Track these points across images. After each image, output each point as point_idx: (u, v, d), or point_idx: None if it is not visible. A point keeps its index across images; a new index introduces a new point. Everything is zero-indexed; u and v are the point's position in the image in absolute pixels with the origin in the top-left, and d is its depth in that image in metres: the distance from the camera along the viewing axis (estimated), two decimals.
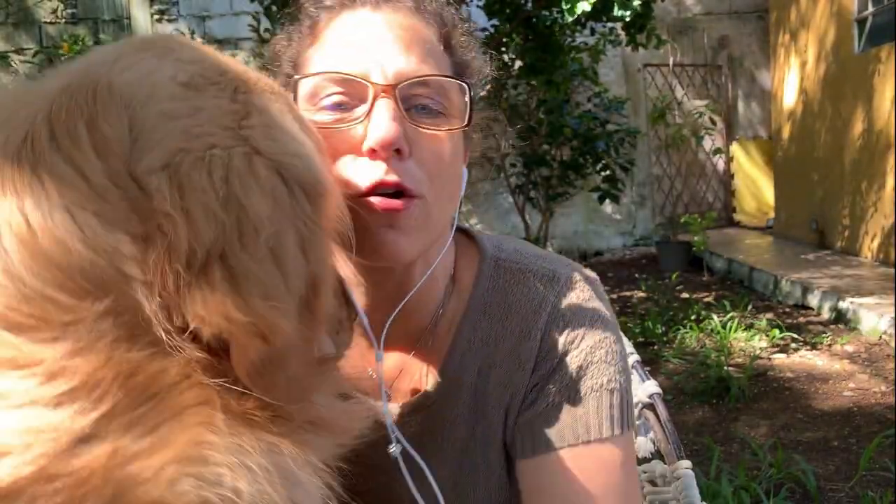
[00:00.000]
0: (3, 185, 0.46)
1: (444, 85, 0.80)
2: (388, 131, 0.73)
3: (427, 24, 0.83)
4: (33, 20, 8.37)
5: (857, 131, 6.90)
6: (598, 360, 0.87)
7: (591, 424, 0.85)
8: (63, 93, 0.50)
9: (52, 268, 0.44)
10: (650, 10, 4.92)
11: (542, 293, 0.89)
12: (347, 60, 0.78)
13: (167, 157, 0.48)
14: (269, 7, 4.59)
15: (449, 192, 0.82)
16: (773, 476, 2.93)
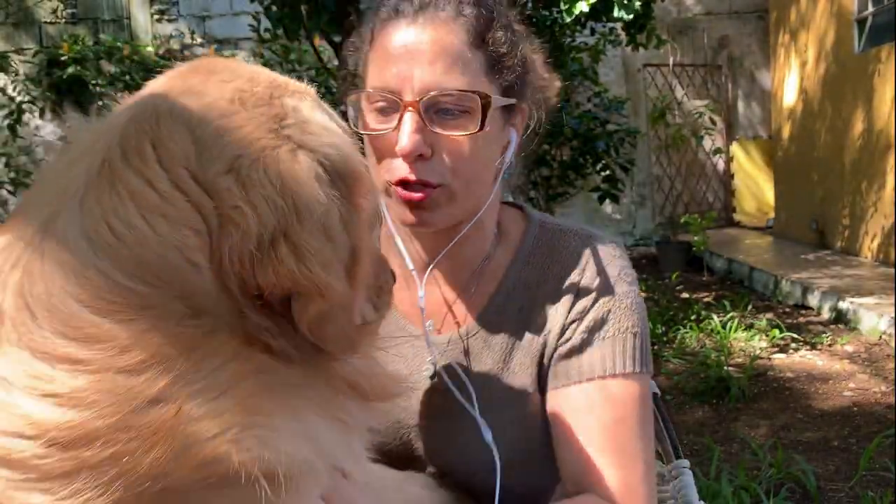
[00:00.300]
0: (91, 200, 0.57)
1: (462, 93, 0.94)
2: (409, 144, 0.92)
3: (459, 29, 0.96)
4: (33, 20, 8.37)
5: (857, 131, 6.90)
6: (625, 307, 1.03)
7: (616, 360, 1.00)
8: (131, 122, 0.61)
9: (131, 263, 0.55)
10: (650, 10, 4.92)
11: (580, 247, 1.06)
12: (386, 76, 0.95)
13: (230, 163, 0.59)
14: (269, 7, 4.58)
15: (473, 175, 0.98)
16: (773, 476, 2.92)
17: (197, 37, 8.65)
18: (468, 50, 0.96)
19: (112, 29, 8.41)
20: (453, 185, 0.95)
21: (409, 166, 0.93)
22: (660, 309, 5.74)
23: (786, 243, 8.19)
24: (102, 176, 0.58)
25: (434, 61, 0.94)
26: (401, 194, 0.94)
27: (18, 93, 7.26)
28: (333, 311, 0.62)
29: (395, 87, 0.94)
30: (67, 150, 0.64)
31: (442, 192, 0.95)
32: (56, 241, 0.56)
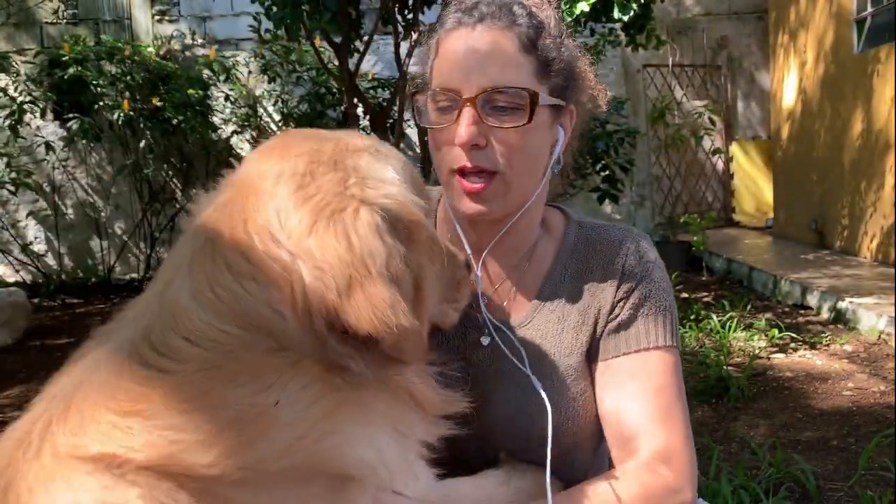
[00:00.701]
0: (196, 269, 0.74)
1: (513, 90, 1.07)
2: (466, 134, 1.06)
3: (512, 37, 1.09)
4: (34, 21, 8.38)
5: (856, 131, 6.91)
6: (662, 289, 1.18)
7: (659, 334, 1.14)
8: (227, 204, 0.79)
9: (229, 315, 0.72)
10: (650, 10, 4.93)
11: (619, 237, 1.21)
12: (448, 76, 1.10)
13: (308, 229, 0.74)
14: (270, 7, 4.59)
15: (526, 167, 1.11)
16: (772, 475, 2.93)
17: (198, 37, 8.65)
18: (520, 54, 1.09)
19: (113, 29, 8.42)
20: (507, 174, 1.08)
21: (466, 154, 1.06)
22: None
23: (785, 243, 8.20)
24: (206, 250, 0.75)
25: (490, 63, 1.08)
26: (462, 185, 1.08)
27: (19, 93, 7.26)
28: (403, 337, 0.76)
29: (455, 86, 1.08)
30: (184, 234, 0.82)
31: (498, 183, 1.08)
32: (172, 299, 0.73)
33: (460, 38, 1.10)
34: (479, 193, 1.07)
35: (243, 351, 0.71)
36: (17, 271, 8.24)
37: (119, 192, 8.50)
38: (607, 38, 6.54)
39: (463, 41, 1.10)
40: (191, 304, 0.72)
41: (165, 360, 0.70)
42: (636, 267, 1.18)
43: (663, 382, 1.11)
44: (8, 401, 4.51)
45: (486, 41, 1.09)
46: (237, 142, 8.26)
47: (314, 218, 0.75)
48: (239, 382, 0.70)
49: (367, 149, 0.84)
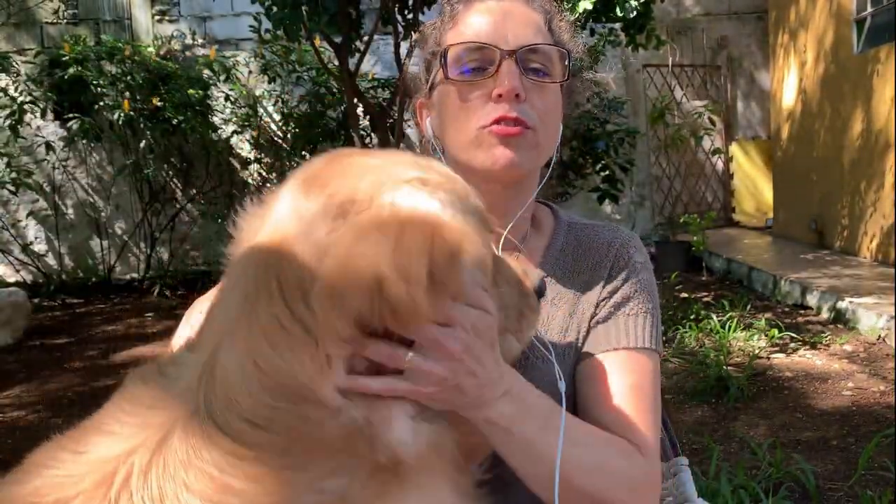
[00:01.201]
0: (239, 340, 0.72)
1: (550, 52, 1.11)
2: (513, 82, 1.05)
3: (535, 11, 1.14)
4: (34, 21, 8.38)
5: (856, 131, 6.91)
6: (647, 290, 1.17)
7: (637, 335, 1.13)
8: (263, 252, 0.77)
9: (270, 386, 0.71)
10: (650, 10, 4.93)
11: (609, 240, 1.19)
12: (482, 34, 1.09)
13: (331, 284, 0.71)
14: (270, 8, 4.59)
15: (552, 131, 1.13)
16: (772, 475, 2.94)
17: (198, 37, 8.65)
18: (545, 27, 1.13)
19: (113, 29, 8.42)
20: (540, 131, 1.08)
21: (508, 105, 1.05)
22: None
23: (785, 243, 8.20)
24: (245, 309, 0.73)
25: (523, 24, 1.10)
26: (498, 131, 1.06)
27: (20, 93, 7.27)
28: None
29: (492, 39, 1.08)
30: (227, 277, 0.81)
31: (532, 135, 1.08)
32: (223, 371, 0.73)
33: (489, 5, 1.12)
34: (514, 139, 1.06)
35: (304, 427, 0.71)
36: (17, 271, 8.24)
37: (119, 192, 8.51)
38: (607, 38, 6.55)
39: (493, 5, 1.12)
40: (240, 380, 0.71)
41: (235, 445, 0.69)
42: (623, 268, 1.17)
43: (639, 383, 1.09)
44: (8, 401, 4.52)
45: (516, 7, 1.12)
46: (237, 142, 8.26)
47: (336, 281, 0.72)
48: (308, 469, 0.70)
49: (409, 181, 0.78)
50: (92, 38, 8.02)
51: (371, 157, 0.83)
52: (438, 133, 1.16)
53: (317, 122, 7.54)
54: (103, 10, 8.48)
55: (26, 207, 8.42)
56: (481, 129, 1.07)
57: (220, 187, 8.34)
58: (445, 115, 1.12)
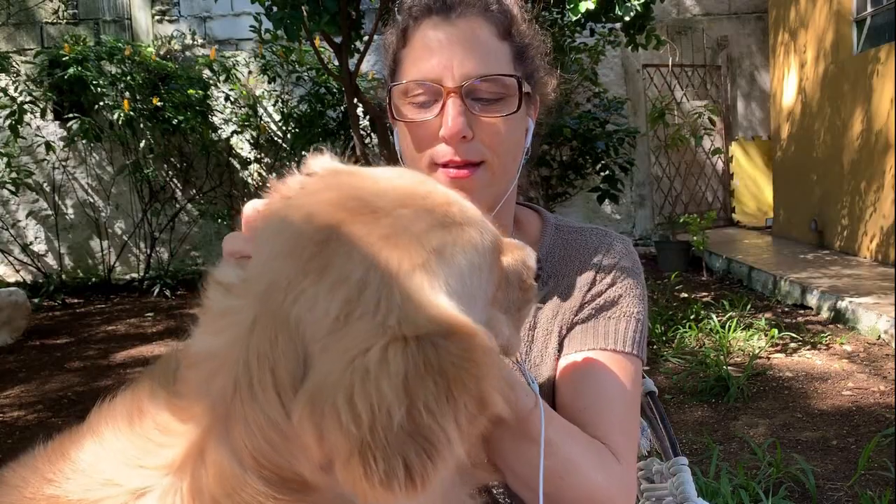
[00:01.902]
0: (234, 433, 0.66)
1: (499, 78, 1.04)
2: (455, 126, 1.01)
3: (489, 23, 1.06)
4: (34, 21, 8.38)
5: (856, 131, 6.91)
6: (633, 295, 1.13)
7: (619, 338, 1.09)
8: (253, 331, 0.66)
9: (269, 474, 0.65)
10: (650, 10, 4.93)
11: (596, 242, 1.17)
12: (426, 67, 1.04)
13: (327, 393, 0.62)
14: (270, 8, 4.59)
15: (510, 154, 1.08)
16: (772, 475, 2.94)
17: (198, 37, 8.66)
18: (498, 41, 1.06)
19: (113, 29, 8.42)
20: (493, 162, 1.04)
21: (453, 149, 1.02)
22: (659, 308, 5.75)
23: (785, 243, 8.20)
24: (237, 404, 0.66)
25: (470, 52, 1.03)
26: (448, 174, 1.03)
27: (20, 93, 7.27)
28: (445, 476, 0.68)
29: (435, 76, 1.03)
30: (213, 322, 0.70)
31: (484, 171, 1.04)
32: (219, 463, 0.67)
33: (435, 26, 1.06)
34: (464, 182, 1.02)
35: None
36: (17, 271, 8.25)
37: (119, 192, 8.51)
38: (607, 38, 6.54)
39: (440, 30, 1.05)
40: (240, 472, 0.66)
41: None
42: (609, 273, 1.14)
43: (618, 386, 1.06)
44: (8, 401, 4.52)
45: (464, 29, 1.05)
46: (237, 142, 8.27)
47: (336, 376, 0.64)
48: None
49: (422, 264, 0.67)
50: (92, 38, 8.03)
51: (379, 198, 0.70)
52: (401, 149, 1.13)
53: (317, 122, 7.55)
54: (103, 10, 8.48)
55: (26, 207, 8.42)
56: (432, 166, 1.05)
57: (219, 187, 8.34)
58: (400, 140, 1.11)
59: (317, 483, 0.66)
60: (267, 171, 8.30)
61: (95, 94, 7.25)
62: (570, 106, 6.55)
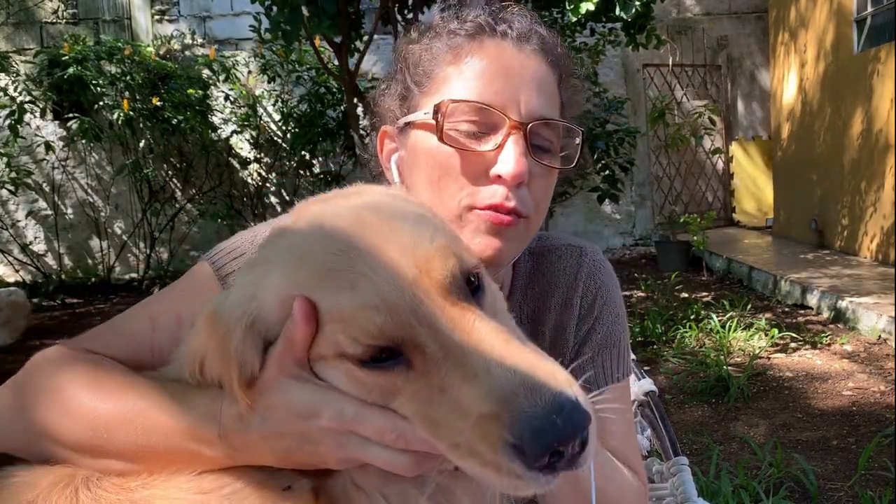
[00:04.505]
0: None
1: (560, 127, 0.95)
2: (521, 167, 0.88)
3: (550, 65, 0.96)
4: (34, 20, 8.38)
5: (856, 131, 6.90)
6: (617, 321, 1.11)
7: (615, 370, 1.08)
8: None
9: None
10: (650, 10, 4.93)
11: (575, 267, 1.10)
12: (489, 92, 0.90)
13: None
14: (270, 8, 4.58)
15: (543, 213, 0.98)
16: (772, 475, 2.93)
17: (198, 37, 8.65)
18: (556, 89, 0.97)
19: (113, 29, 8.42)
20: (533, 219, 0.94)
21: (508, 191, 0.89)
22: (659, 308, 5.74)
23: (785, 243, 8.19)
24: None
25: (539, 91, 0.92)
26: (491, 219, 0.89)
27: (19, 93, 7.26)
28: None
29: (499, 104, 0.90)
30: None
31: (525, 225, 0.93)
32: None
33: (504, 51, 0.93)
34: (506, 229, 0.90)
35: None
36: (16, 271, 8.24)
37: (119, 192, 8.51)
38: (607, 37, 6.54)
39: (509, 56, 0.93)
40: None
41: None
42: (594, 299, 1.09)
43: (626, 414, 1.09)
44: None
45: (534, 65, 0.93)
46: (237, 141, 8.26)
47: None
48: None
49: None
50: (91, 38, 8.02)
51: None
52: (407, 180, 0.98)
53: (317, 122, 7.54)
54: (103, 10, 8.48)
55: (26, 207, 8.41)
56: (469, 209, 0.90)
57: (219, 187, 8.34)
58: (423, 172, 0.94)
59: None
60: (267, 171, 8.29)
61: (95, 94, 7.25)
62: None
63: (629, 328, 3.21)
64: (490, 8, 0.98)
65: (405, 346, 0.65)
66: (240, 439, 0.70)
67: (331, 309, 0.66)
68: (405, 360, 0.65)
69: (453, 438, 0.62)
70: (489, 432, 0.60)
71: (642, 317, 5.54)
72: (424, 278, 0.67)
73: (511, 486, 0.62)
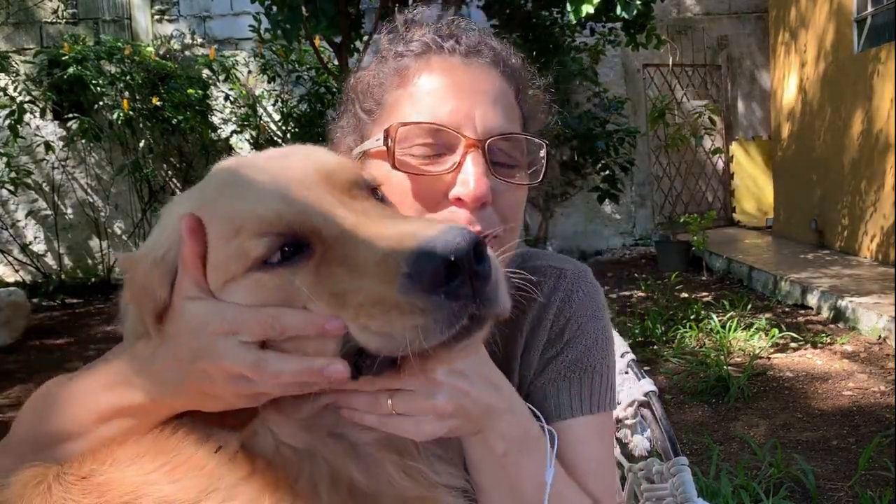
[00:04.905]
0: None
1: (522, 141, 0.90)
2: (481, 188, 0.83)
3: (505, 78, 0.92)
4: (34, 20, 8.37)
5: (856, 131, 6.90)
6: (593, 350, 1.00)
7: (587, 399, 0.97)
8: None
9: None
10: (650, 10, 4.93)
11: (551, 288, 1.01)
12: (441, 111, 0.86)
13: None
14: (270, 7, 4.58)
15: (518, 225, 0.93)
16: (772, 475, 2.93)
17: (197, 37, 8.65)
18: (514, 100, 0.93)
19: (112, 29, 8.41)
20: (502, 234, 0.89)
21: (470, 214, 0.85)
22: (659, 309, 5.74)
23: (785, 243, 8.19)
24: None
25: (496, 104, 0.88)
26: None
27: (19, 93, 7.26)
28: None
29: (453, 123, 0.85)
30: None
31: (495, 244, 0.87)
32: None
33: (452, 67, 0.89)
34: None
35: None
36: (16, 271, 8.24)
37: (119, 192, 8.50)
38: (607, 37, 6.54)
39: (458, 72, 0.89)
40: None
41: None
42: (566, 326, 1.00)
43: (603, 451, 0.99)
44: (8, 401, 4.51)
45: (487, 78, 0.89)
46: (237, 141, 8.26)
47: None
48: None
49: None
50: (91, 38, 8.02)
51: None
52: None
53: (316, 122, 7.54)
54: (103, 10, 8.47)
55: (25, 207, 8.41)
56: None
57: None
58: (387, 195, 0.90)
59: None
60: None
61: (95, 94, 7.24)
62: (570, 106, 6.54)
63: (630, 330, 3.21)
64: (437, 25, 0.94)
65: (305, 234, 0.66)
66: (153, 373, 0.70)
67: (231, 215, 0.68)
68: (308, 252, 0.66)
69: (356, 300, 0.62)
70: (385, 273, 0.61)
71: (642, 317, 5.54)
72: (324, 181, 0.69)
73: (421, 330, 0.59)
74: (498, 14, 5.34)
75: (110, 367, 0.74)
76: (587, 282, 1.04)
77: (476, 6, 5.50)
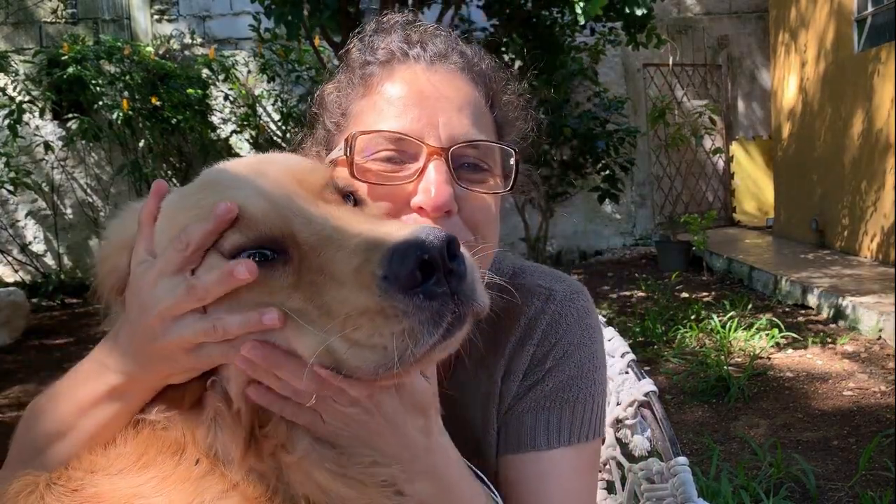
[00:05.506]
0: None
1: (491, 147, 0.88)
2: (441, 196, 0.81)
3: (475, 84, 0.90)
4: (33, 20, 8.37)
5: (856, 131, 6.90)
6: (579, 379, 0.96)
7: (573, 429, 0.94)
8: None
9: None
10: (651, 9, 4.92)
11: (538, 310, 0.97)
12: (403, 119, 0.84)
13: None
14: (270, 6, 4.58)
15: (491, 233, 0.89)
16: (772, 475, 2.93)
17: (197, 37, 8.65)
18: (485, 107, 0.90)
19: (112, 29, 8.41)
20: (475, 245, 0.84)
21: (433, 223, 0.81)
22: (659, 308, 5.74)
23: (785, 243, 8.19)
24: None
25: (461, 110, 0.86)
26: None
27: (19, 93, 7.26)
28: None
29: (415, 131, 0.84)
30: None
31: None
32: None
33: (415, 74, 0.88)
34: None
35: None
36: (15, 271, 8.23)
37: (118, 192, 8.50)
38: (607, 37, 6.53)
39: (421, 78, 0.87)
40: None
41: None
42: (550, 350, 0.96)
43: (586, 482, 0.96)
44: (7, 401, 4.50)
45: (452, 84, 0.88)
46: (236, 141, 8.25)
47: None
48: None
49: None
50: (91, 38, 8.01)
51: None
52: None
53: None
54: (102, 10, 8.47)
55: (25, 207, 8.41)
56: None
57: None
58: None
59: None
60: None
61: (94, 94, 7.23)
62: (570, 105, 6.54)
63: (630, 329, 3.21)
64: (405, 32, 0.92)
65: (284, 239, 0.67)
66: (121, 348, 0.71)
67: (209, 207, 0.71)
68: (285, 256, 0.67)
69: (342, 311, 0.62)
70: (363, 278, 0.61)
71: (642, 317, 5.53)
72: (300, 186, 0.73)
73: (408, 335, 0.59)
74: (498, 14, 5.33)
75: (88, 360, 0.76)
76: (578, 305, 0.99)
77: (476, 6, 5.50)
